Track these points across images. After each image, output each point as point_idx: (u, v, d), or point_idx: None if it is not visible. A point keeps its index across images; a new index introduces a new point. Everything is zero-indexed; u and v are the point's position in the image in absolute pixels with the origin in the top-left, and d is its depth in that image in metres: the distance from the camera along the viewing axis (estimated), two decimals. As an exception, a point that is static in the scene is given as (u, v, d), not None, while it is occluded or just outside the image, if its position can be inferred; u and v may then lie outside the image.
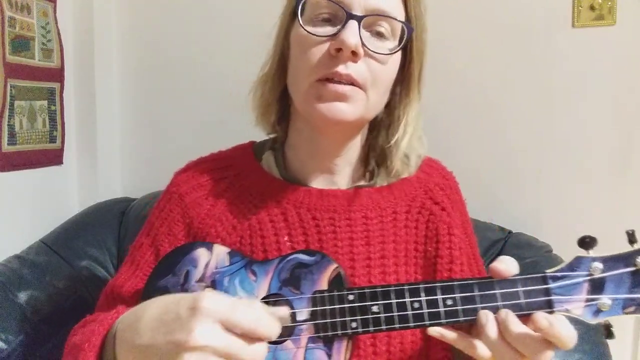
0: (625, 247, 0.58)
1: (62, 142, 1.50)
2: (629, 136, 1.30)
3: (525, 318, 0.56)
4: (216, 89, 1.52)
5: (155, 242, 0.76)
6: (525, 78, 1.35)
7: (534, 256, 1.21)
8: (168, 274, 0.67)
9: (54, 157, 1.47)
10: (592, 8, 1.29)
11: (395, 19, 0.67)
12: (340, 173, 0.76)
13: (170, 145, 1.58)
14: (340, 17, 0.65)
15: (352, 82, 0.65)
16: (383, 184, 0.77)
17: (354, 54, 0.64)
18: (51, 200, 1.47)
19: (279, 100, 0.76)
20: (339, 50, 0.64)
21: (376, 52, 0.66)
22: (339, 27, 0.64)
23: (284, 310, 0.58)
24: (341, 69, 0.64)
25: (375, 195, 0.75)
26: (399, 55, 0.70)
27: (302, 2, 0.67)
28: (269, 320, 0.50)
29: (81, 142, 1.56)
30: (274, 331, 0.50)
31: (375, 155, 0.78)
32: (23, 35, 1.34)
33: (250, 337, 0.49)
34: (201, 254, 0.67)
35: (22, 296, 1.16)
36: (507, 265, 0.59)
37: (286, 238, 0.71)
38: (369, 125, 0.77)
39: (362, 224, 0.73)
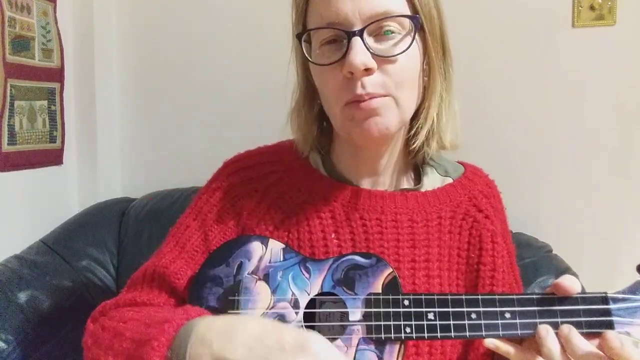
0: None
1: (62, 142, 1.50)
2: (629, 136, 1.30)
3: (585, 337, 0.56)
4: (216, 88, 1.52)
5: (203, 227, 0.75)
6: (526, 78, 1.35)
7: (534, 256, 1.21)
8: (222, 264, 0.67)
9: (54, 157, 1.47)
10: (592, 8, 1.29)
11: (396, 16, 0.65)
12: (385, 173, 0.77)
13: (170, 146, 1.58)
14: (343, 35, 0.64)
15: (373, 98, 0.65)
16: (428, 188, 0.77)
17: (367, 70, 0.64)
18: (51, 200, 1.47)
19: (316, 122, 0.77)
20: (351, 73, 0.63)
21: (387, 56, 0.65)
22: (344, 47, 0.64)
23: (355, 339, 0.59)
24: (359, 90, 0.64)
25: (422, 199, 0.75)
26: (415, 46, 0.67)
27: (304, 37, 0.68)
28: None
29: (81, 142, 1.56)
30: None
31: (413, 151, 0.77)
32: (23, 35, 1.34)
33: None
34: (256, 247, 0.68)
35: (22, 296, 1.16)
36: (571, 283, 0.58)
37: (333, 236, 0.72)
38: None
39: (408, 227, 0.73)
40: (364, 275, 0.64)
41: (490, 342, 0.58)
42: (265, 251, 0.68)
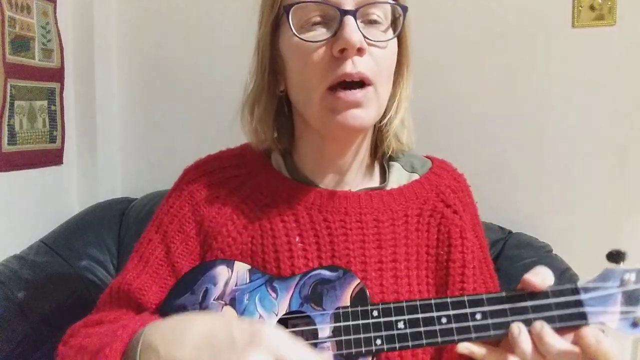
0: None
1: (62, 142, 1.50)
2: (629, 136, 1.30)
3: (559, 331, 0.54)
4: (216, 88, 1.52)
5: (165, 239, 0.74)
6: (525, 78, 1.35)
7: (534, 256, 1.21)
8: (187, 292, 0.65)
9: (54, 157, 1.47)
10: (592, 8, 1.29)
11: (388, 2, 0.66)
12: (349, 172, 0.75)
13: (170, 145, 1.58)
14: (333, 15, 0.63)
15: (362, 79, 0.64)
16: (393, 186, 0.76)
17: (360, 50, 0.63)
18: (51, 200, 1.47)
19: (276, 116, 0.74)
20: (342, 50, 0.62)
21: (378, 41, 0.65)
22: (334, 26, 0.63)
23: (328, 356, 0.58)
24: (350, 68, 0.63)
25: (387, 198, 0.74)
26: (395, 39, 0.69)
27: (290, 10, 0.64)
28: None
29: (81, 142, 1.56)
30: None
31: (381, 148, 0.77)
32: (23, 35, 1.34)
33: None
34: (221, 271, 0.66)
35: (22, 296, 1.16)
36: (543, 278, 0.56)
37: (298, 239, 0.70)
38: None
39: (373, 227, 0.71)
40: (332, 289, 0.62)
41: (464, 347, 0.56)
42: (231, 274, 0.66)
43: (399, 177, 0.78)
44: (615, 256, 0.56)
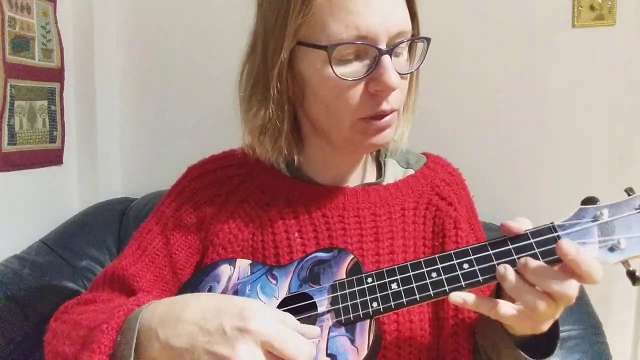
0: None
1: (62, 142, 1.50)
2: (629, 136, 1.30)
3: None
4: (216, 88, 1.52)
5: (165, 231, 0.76)
6: (525, 78, 1.35)
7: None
8: (192, 292, 0.67)
9: (54, 157, 1.47)
10: (592, 8, 1.29)
11: (415, 39, 0.67)
12: (350, 171, 0.77)
13: (170, 146, 1.58)
14: (370, 52, 0.63)
15: (394, 111, 0.67)
16: (390, 181, 0.78)
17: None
18: (51, 200, 1.47)
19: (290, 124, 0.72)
20: (382, 91, 0.63)
21: (405, 74, 0.67)
22: (368, 62, 0.63)
23: (315, 330, 0.59)
24: (386, 106, 0.65)
25: (384, 193, 0.76)
26: None
27: (332, 51, 0.61)
28: (309, 350, 0.53)
29: (81, 142, 1.56)
30: (307, 353, 0.53)
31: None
32: (23, 35, 1.34)
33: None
34: (224, 269, 0.69)
35: (22, 296, 1.16)
36: (519, 223, 0.59)
37: (297, 235, 0.72)
38: None
39: (371, 221, 0.74)
40: (328, 267, 0.65)
41: (457, 296, 0.58)
42: (233, 271, 0.68)
43: (394, 172, 0.80)
44: (588, 201, 0.60)
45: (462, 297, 0.58)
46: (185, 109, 1.57)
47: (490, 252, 0.59)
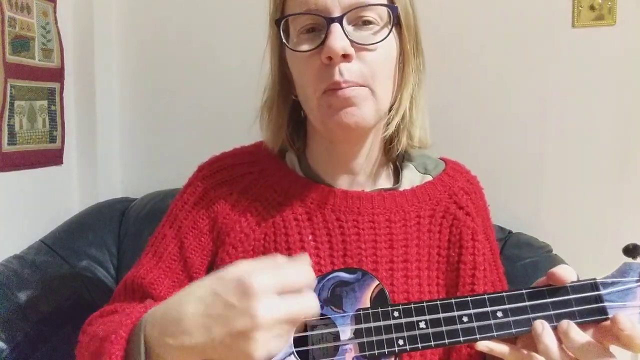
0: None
1: (62, 142, 1.50)
2: (629, 136, 1.30)
3: (579, 327, 0.55)
4: (217, 88, 1.52)
5: (179, 235, 0.76)
6: (525, 78, 1.35)
7: (534, 256, 1.20)
8: None
9: (54, 157, 1.47)
10: (592, 8, 1.29)
11: (375, 4, 0.65)
12: (362, 173, 0.76)
13: (171, 145, 1.58)
14: (322, 23, 0.65)
15: (352, 87, 0.65)
16: (406, 187, 0.77)
17: (345, 57, 0.63)
18: (51, 200, 1.47)
19: (289, 119, 0.77)
20: (330, 58, 0.63)
21: (366, 44, 0.65)
22: (323, 34, 0.64)
23: (304, 258, 0.56)
24: (337, 77, 0.64)
25: (400, 199, 0.75)
26: (392, 38, 0.68)
27: (282, 24, 0.68)
28: (304, 269, 0.52)
29: (81, 142, 1.56)
30: (309, 275, 0.52)
31: (390, 149, 0.78)
32: (23, 35, 1.34)
33: (298, 291, 0.50)
34: None
35: (22, 296, 1.16)
36: (565, 273, 0.57)
37: (310, 237, 0.71)
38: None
39: (385, 227, 0.72)
40: (351, 291, 0.62)
41: (483, 345, 0.56)
42: None
43: (411, 178, 0.78)
44: (632, 250, 0.56)
45: (489, 347, 0.56)
46: (186, 108, 1.57)
47: (527, 303, 0.56)
